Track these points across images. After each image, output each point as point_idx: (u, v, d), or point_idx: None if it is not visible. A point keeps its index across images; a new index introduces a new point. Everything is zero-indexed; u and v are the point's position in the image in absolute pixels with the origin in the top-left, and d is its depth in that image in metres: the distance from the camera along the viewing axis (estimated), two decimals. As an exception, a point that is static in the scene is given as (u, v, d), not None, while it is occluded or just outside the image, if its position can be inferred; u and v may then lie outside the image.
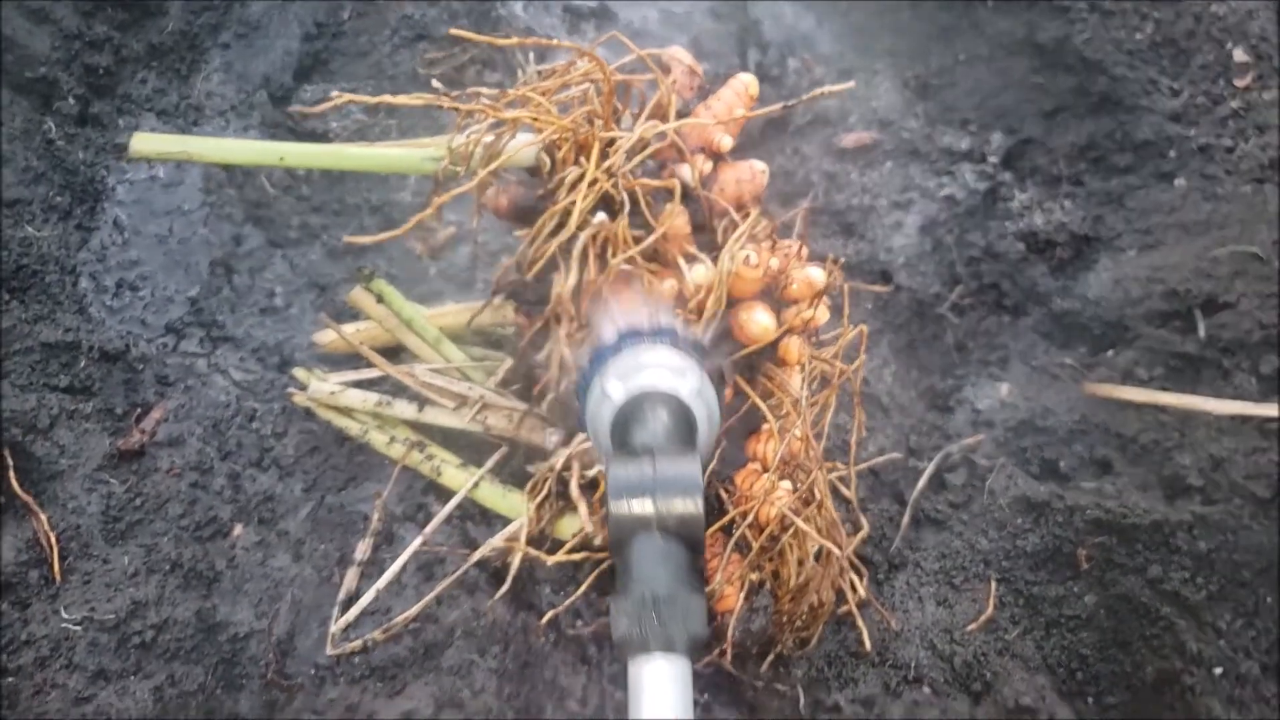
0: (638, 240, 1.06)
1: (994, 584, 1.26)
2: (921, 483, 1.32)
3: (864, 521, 1.22)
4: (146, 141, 1.20)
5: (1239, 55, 1.60)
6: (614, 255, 1.06)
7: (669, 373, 0.96)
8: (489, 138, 1.13)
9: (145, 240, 1.47)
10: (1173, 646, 1.20)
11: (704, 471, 0.93)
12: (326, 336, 1.37)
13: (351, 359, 1.37)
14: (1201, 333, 1.39)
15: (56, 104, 1.49)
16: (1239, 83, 1.60)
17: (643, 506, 0.83)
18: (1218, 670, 1.19)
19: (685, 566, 0.83)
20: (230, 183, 1.51)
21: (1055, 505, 1.29)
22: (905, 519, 1.30)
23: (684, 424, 0.94)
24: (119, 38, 1.57)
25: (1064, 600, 1.25)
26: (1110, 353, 1.44)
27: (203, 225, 1.49)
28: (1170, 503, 1.28)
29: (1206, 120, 1.58)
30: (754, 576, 1.08)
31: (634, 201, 1.07)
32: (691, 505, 0.83)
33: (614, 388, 0.96)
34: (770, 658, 1.17)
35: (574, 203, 1.07)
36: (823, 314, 1.13)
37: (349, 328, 1.35)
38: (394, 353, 1.35)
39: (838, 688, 1.18)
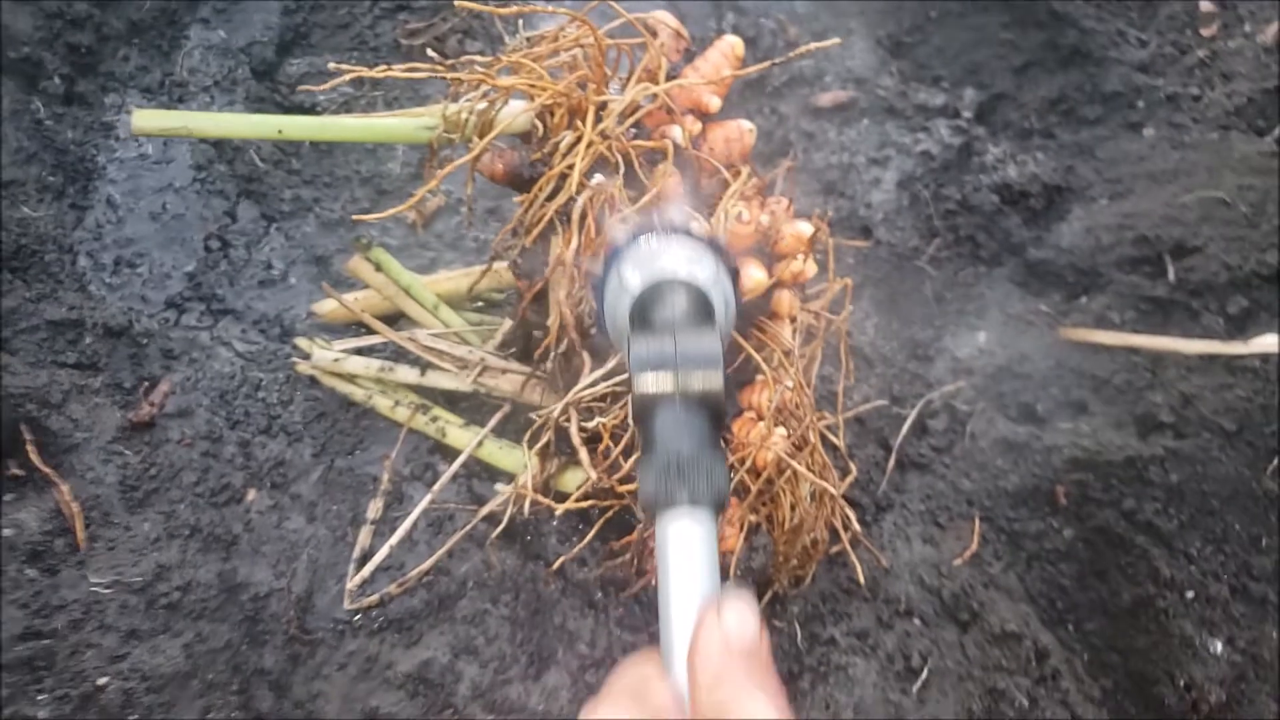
0: (633, 201, 1.17)
1: (977, 522, 1.40)
2: (905, 429, 1.45)
3: (852, 466, 1.35)
4: (148, 118, 1.30)
5: (1205, 5, 1.74)
6: (611, 216, 1.17)
7: (685, 261, 1.01)
8: (483, 105, 1.23)
9: (139, 217, 1.57)
10: (1147, 574, 1.34)
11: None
12: (326, 306, 1.49)
13: (350, 327, 1.49)
14: (1171, 276, 1.53)
15: (42, 84, 1.58)
16: (1205, 32, 1.73)
17: (664, 380, 0.86)
18: (1189, 594, 1.33)
19: (708, 433, 0.86)
20: (220, 158, 1.62)
21: (1033, 446, 1.43)
22: (890, 463, 1.43)
23: (703, 306, 0.99)
24: (99, 15, 1.66)
25: (1044, 535, 1.39)
26: (1084, 299, 1.57)
27: (195, 201, 1.59)
28: (1143, 439, 1.42)
29: (1174, 70, 1.72)
30: (753, 518, 1.22)
31: (628, 164, 1.19)
32: (713, 378, 0.86)
33: (631, 277, 1.00)
34: (768, 596, 1.30)
35: (571, 166, 1.18)
36: (811, 267, 1.25)
37: (347, 297, 1.46)
38: (392, 320, 1.45)
39: (832, 622, 1.31)
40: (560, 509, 1.23)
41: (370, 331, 1.41)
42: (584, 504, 1.23)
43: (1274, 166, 1.54)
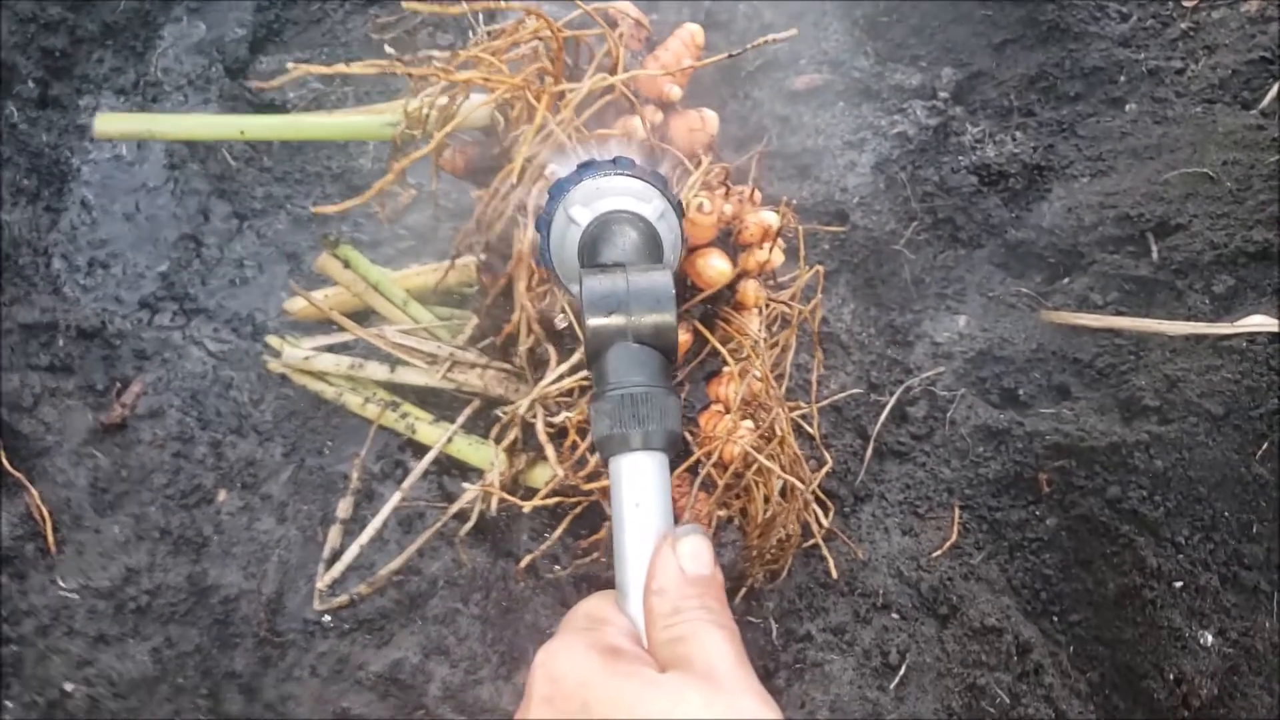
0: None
1: (957, 511, 1.30)
2: (883, 416, 1.35)
3: (828, 457, 1.26)
4: (110, 122, 1.23)
5: (1187, -24, 1.63)
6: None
7: (632, 197, 0.97)
8: (443, 100, 1.16)
9: (113, 218, 1.50)
10: (1133, 563, 1.24)
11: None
12: (297, 304, 1.40)
13: (323, 325, 1.40)
14: (1155, 255, 1.42)
15: (16, 88, 1.51)
16: (1188, 3, 1.62)
17: (617, 318, 0.83)
18: (1178, 584, 1.23)
19: (660, 370, 0.84)
20: (193, 157, 1.53)
21: (1015, 432, 1.34)
22: (868, 452, 1.34)
23: (652, 242, 0.96)
24: (73, 19, 1.58)
25: (1026, 524, 1.30)
26: (1066, 280, 1.47)
27: (169, 201, 1.51)
28: (1127, 424, 1.32)
29: (1156, 43, 1.61)
30: (721, 514, 1.13)
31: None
32: (665, 315, 0.84)
33: (578, 212, 0.96)
34: (743, 592, 1.22)
35: (530, 159, 1.10)
36: (778, 256, 1.16)
37: (317, 294, 1.38)
38: (363, 317, 1.37)
39: (809, 617, 1.22)
40: (528, 506, 1.16)
41: (341, 329, 1.32)
42: (551, 501, 1.16)
43: (1260, 140, 1.44)
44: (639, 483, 0.77)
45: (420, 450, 1.30)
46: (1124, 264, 1.43)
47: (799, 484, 1.09)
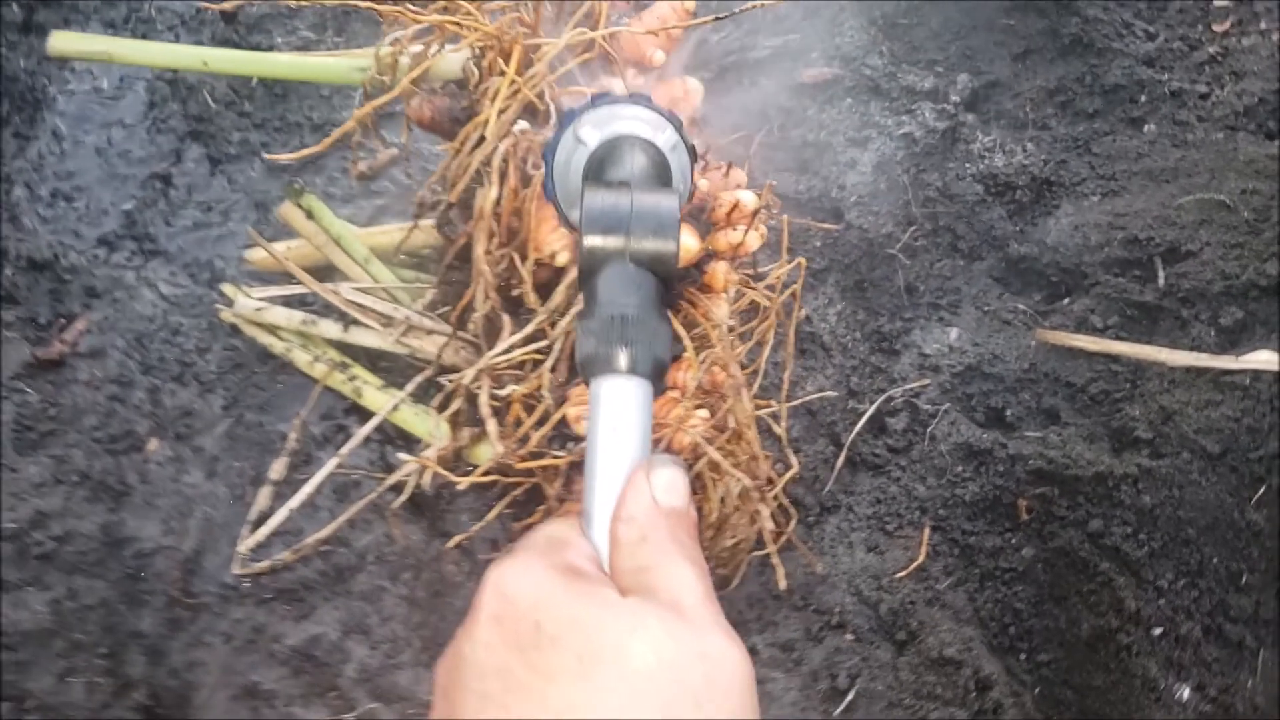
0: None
1: (927, 531, 1.16)
2: (859, 425, 1.22)
3: (794, 460, 1.11)
4: (66, 40, 1.10)
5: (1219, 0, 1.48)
6: (537, 168, 0.96)
7: (646, 125, 0.88)
8: (418, 47, 1.03)
9: (84, 151, 1.37)
10: (1110, 604, 1.10)
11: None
12: (258, 254, 1.27)
13: (284, 278, 1.27)
14: (1161, 281, 1.28)
15: (1, 10, 1.40)
16: (1218, 27, 1.48)
17: (617, 239, 0.75)
18: (1157, 630, 1.09)
19: (655, 296, 0.75)
20: (174, 97, 1.41)
21: (998, 454, 1.19)
22: (840, 461, 1.20)
23: (662, 169, 0.87)
24: (71, -54, 1.47)
25: (1001, 552, 1.15)
26: (1066, 300, 1.32)
27: (144, 138, 1.38)
28: (1117, 455, 1.17)
29: (1181, 65, 1.46)
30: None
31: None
32: (667, 241, 0.75)
33: (588, 133, 0.87)
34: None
35: (497, 112, 0.97)
36: (754, 241, 1.02)
37: (281, 245, 1.25)
38: (328, 274, 1.25)
39: (757, 630, 1.09)
40: (463, 483, 1.02)
41: (300, 283, 1.19)
42: (487, 479, 1.02)
43: (1282, 171, 1.29)
44: (618, 407, 0.69)
45: (366, 416, 1.17)
46: (1128, 288, 1.28)
47: (747, 480, 0.95)
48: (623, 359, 0.69)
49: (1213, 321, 1.23)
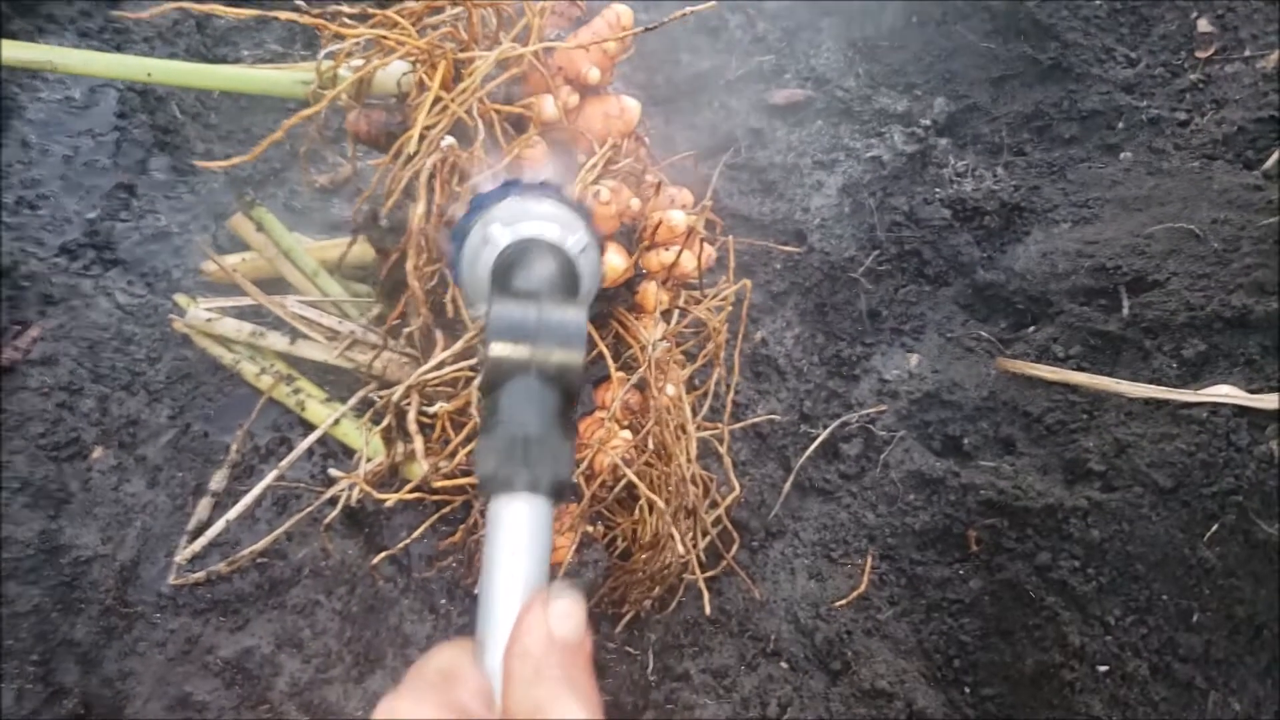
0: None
1: (870, 560, 1.16)
2: (810, 450, 1.22)
3: (736, 483, 1.12)
4: (14, 49, 1.14)
5: (1204, 25, 1.48)
6: (462, 183, 0.98)
7: (557, 225, 0.89)
8: (359, 62, 1.06)
9: (51, 160, 1.41)
10: (1055, 639, 1.10)
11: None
12: (214, 265, 1.31)
13: (239, 290, 1.31)
14: (1125, 311, 1.28)
15: (-26, 19, 1.45)
16: (1200, 54, 1.48)
17: (522, 350, 0.75)
18: (1102, 668, 1.09)
19: (559, 412, 0.75)
20: (143, 108, 1.45)
21: (950, 483, 1.20)
22: (787, 486, 1.21)
23: (569, 276, 0.88)
24: (50, -44, 1.52)
25: (948, 583, 1.16)
26: (1031, 329, 1.33)
27: (111, 148, 1.42)
28: (1069, 487, 1.18)
29: (1162, 92, 1.47)
30: (590, 529, 1.00)
31: (489, 130, 0.99)
32: (573, 354, 0.76)
33: (498, 232, 0.88)
34: (626, 619, 1.09)
35: (429, 128, 0.99)
36: (688, 261, 1.03)
37: (235, 258, 1.28)
38: (285, 285, 1.28)
39: (691, 655, 1.10)
40: (390, 500, 1.04)
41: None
42: (412, 496, 1.04)
43: (1255, 201, 1.29)
44: (517, 530, 0.67)
45: (311, 429, 1.20)
46: (1092, 317, 1.29)
47: (660, 503, 0.96)
48: (523, 480, 0.69)
49: (1175, 353, 1.23)
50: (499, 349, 0.75)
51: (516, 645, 0.60)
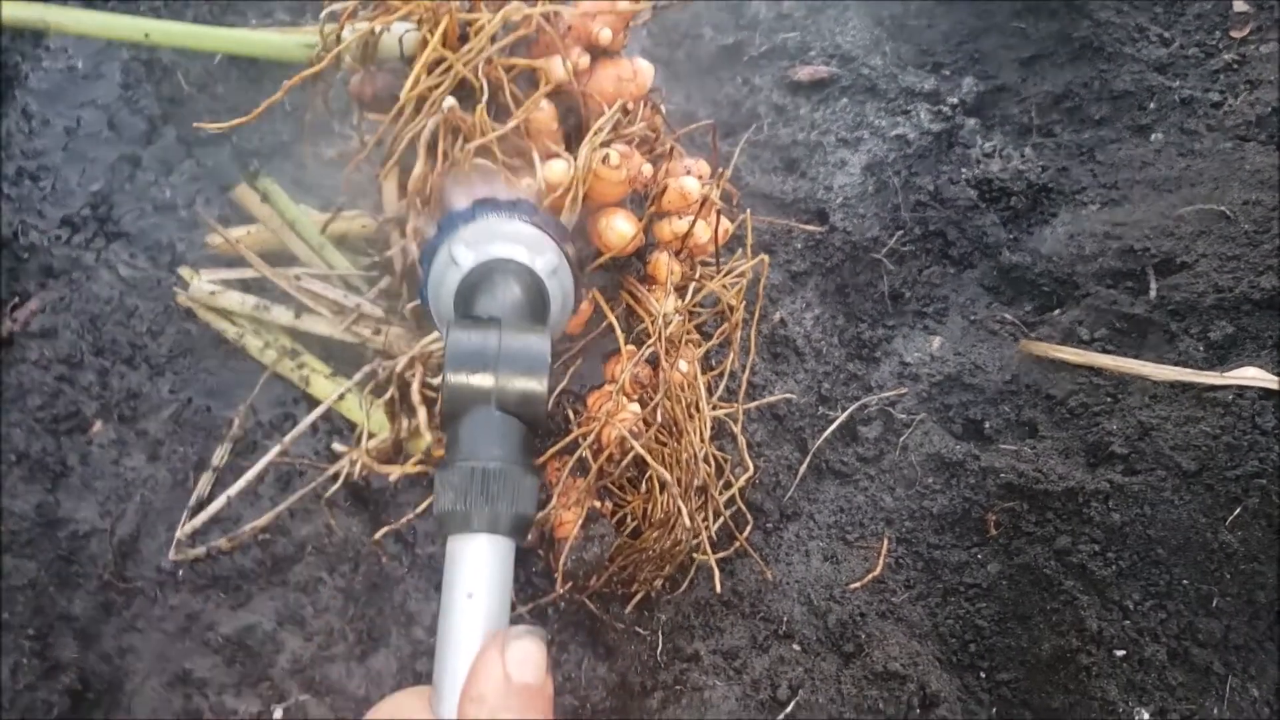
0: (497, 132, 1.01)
1: (885, 542, 1.19)
2: (827, 431, 1.26)
3: (750, 463, 1.16)
4: (11, 8, 1.18)
5: (1239, 4, 1.51)
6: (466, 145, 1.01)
7: (524, 247, 0.90)
8: (363, 24, 1.09)
9: (54, 131, 1.46)
10: (1072, 623, 1.13)
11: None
12: (218, 237, 1.35)
13: (244, 262, 1.35)
14: (1153, 293, 1.31)
15: (-26, -15, 1.49)
16: (1236, 34, 1.51)
17: (483, 379, 0.77)
18: (1120, 652, 1.12)
19: (521, 445, 0.77)
20: (149, 78, 1.49)
21: (970, 466, 1.23)
22: (803, 467, 1.24)
23: (536, 299, 0.89)
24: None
25: (966, 567, 1.19)
26: (1057, 311, 1.36)
27: (116, 119, 1.47)
28: (1090, 470, 1.20)
29: (1195, 72, 1.50)
30: (596, 504, 1.04)
31: (496, 93, 1.03)
32: (535, 383, 0.77)
33: (462, 254, 0.89)
34: (636, 600, 1.13)
35: (432, 89, 1.03)
36: (702, 231, 1.07)
37: (241, 230, 1.32)
38: (291, 257, 1.32)
39: (701, 636, 1.13)
40: (394, 475, 1.08)
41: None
42: (416, 470, 1.08)
43: (1290, 182, 1.31)
44: (476, 570, 0.69)
45: (315, 405, 1.23)
46: (1119, 299, 1.31)
47: (666, 475, 0.99)
48: (482, 518, 0.70)
49: (1202, 335, 1.26)
50: (456, 378, 0.77)
51: (472, 690, 0.62)
